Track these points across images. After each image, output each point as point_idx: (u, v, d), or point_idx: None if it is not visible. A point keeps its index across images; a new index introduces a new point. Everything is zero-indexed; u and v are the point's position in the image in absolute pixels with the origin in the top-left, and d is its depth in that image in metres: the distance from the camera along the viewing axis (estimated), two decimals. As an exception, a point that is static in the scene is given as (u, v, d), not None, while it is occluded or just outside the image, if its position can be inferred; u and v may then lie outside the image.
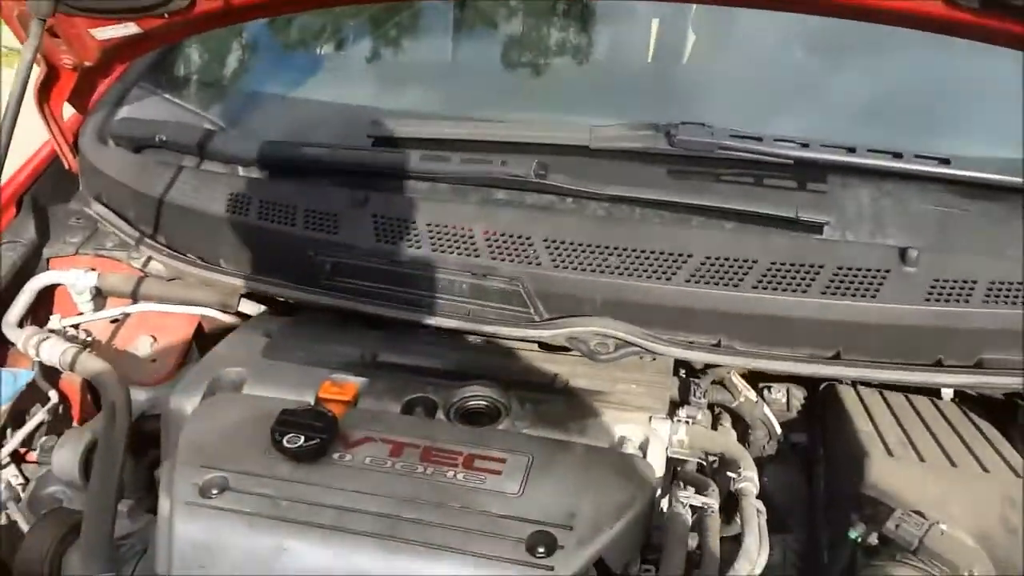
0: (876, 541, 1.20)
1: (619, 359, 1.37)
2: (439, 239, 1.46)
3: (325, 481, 1.24)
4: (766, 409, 1.50)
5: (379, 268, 1.47)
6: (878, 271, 1.33)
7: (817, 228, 1.43)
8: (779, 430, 1.51)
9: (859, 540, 1.22)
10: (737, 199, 1.43)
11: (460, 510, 1.19)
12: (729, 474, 1.29)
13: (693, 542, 1.20)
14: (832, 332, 1.34)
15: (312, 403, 1.40)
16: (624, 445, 1.33)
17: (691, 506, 1.24)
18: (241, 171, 1.71)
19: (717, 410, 1.55)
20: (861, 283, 1.33)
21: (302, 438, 1.26)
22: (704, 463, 1.40)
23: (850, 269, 1.34)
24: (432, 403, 1.42)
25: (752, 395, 1.49)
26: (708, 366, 1.53)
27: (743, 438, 1.53)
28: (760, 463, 1.57)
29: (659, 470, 1.32)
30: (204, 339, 1.75)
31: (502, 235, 1.44)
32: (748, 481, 1.27)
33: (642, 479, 1.26)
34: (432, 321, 1.42)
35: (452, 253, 1.44)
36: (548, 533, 1.16)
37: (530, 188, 1.52)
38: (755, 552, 1.16)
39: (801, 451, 1.56)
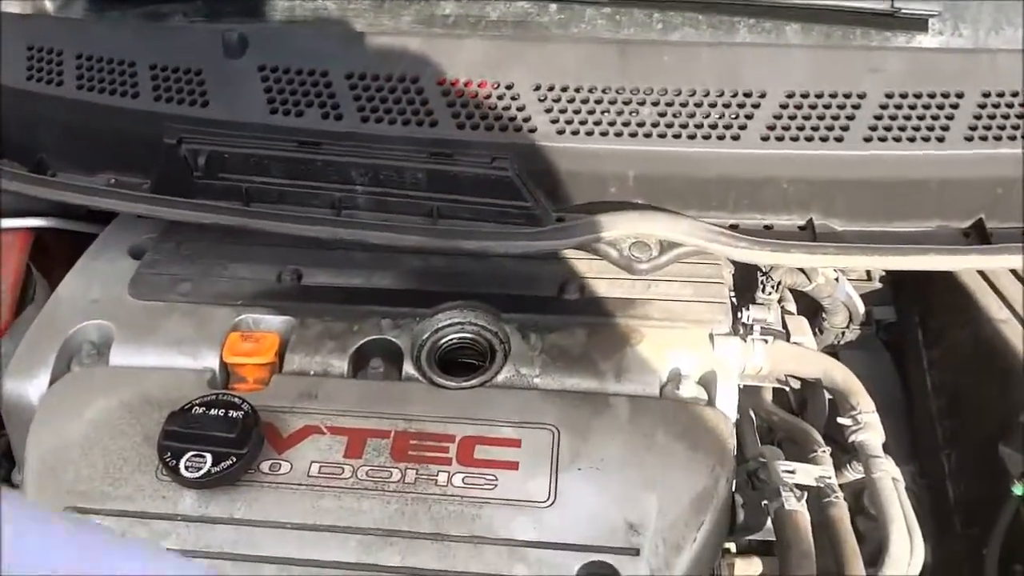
0: (1057, 499, 0.85)
1: (666, 266, 0.91)
2: (370, 100, 0.94)
3: (253, 514, 0.82)
4: (848, 287, 1.09)
5: (281, 156, 0.95)
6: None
7: (920, 23, 0.96)
8: (862, 310, 1.11)
9: (1031, 498, 0.87)
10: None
11: (465, 545, 0.79)
12: (841, 420, 0.90)
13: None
14: (974, 191, 0.91)
15: (215, 371, 0.94)
16: (681, 385, 0.92)
17: (797, 486, 0.85)
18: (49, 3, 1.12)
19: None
20: (1020, 115, 0.89)
21: (208, 458, 0.82)
22: (786, 389, 1.01)
23: (1003, 95, 0.89)
24: (394, 348, 0.96)
25: (832, 272, 1.07)
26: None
27: (812, 323, 1.12)
28: (835, 352, 1.20)
29: (731, 412, 0.92)
30: (48, 260, 1.22)
31: (466, 84, 0.93)
32: (872, 430, 0.88)
33: (721, 443, 0.86)
34: (376, 238, 0.93)
35: (394, 122, 0.93)
36: (606, 564, 0.77)
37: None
38: (905, 552, 0.80)
39: (888, 330, 1.18)
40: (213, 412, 0.86)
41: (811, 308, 1.15)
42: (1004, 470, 0.91)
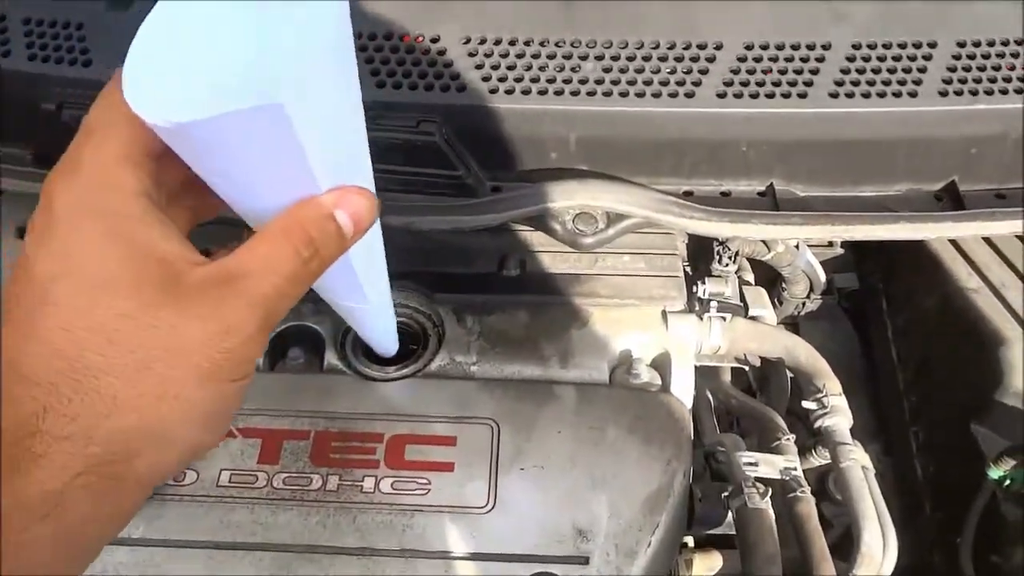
0: (1034, 483, 0.79)
1: (614, 239, 0.82)
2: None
3: (154, 533, 0.72)
4: (809, 255, 1.01)
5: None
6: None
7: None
8: (823, 278, 1.03)
9: (1007, 483, 0.81)
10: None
11: (395, 560, 0.70)
12: (806, 404, 0.82)
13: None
14: (947, 151, 0.83)
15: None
16: (632, 370, 0.83)
17: (759, 479, 0.78)
18: None
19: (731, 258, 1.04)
20: (999, 64, 0.80)
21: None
22: (745, 368, 0.93)
23: (979, 45, 0.81)
24: (315, 335, 0.86)
25: (792, 240, 0.99)
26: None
27: (771, 293, 1.04)
28: (795, 323, 1.12)
29: (687, 398, 0.84)
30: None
31: (386, 37, 0.82)
32: (839, 414, 0.81)
33: (676, 434, 0.78)
34: None
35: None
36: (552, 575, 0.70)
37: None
38: (878, 550, 0.73)
39: (851, 298, 1.10)
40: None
41: (769, 277, 1.07)
42: (977, 450, 0.85)
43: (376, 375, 0.83)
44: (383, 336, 0.78)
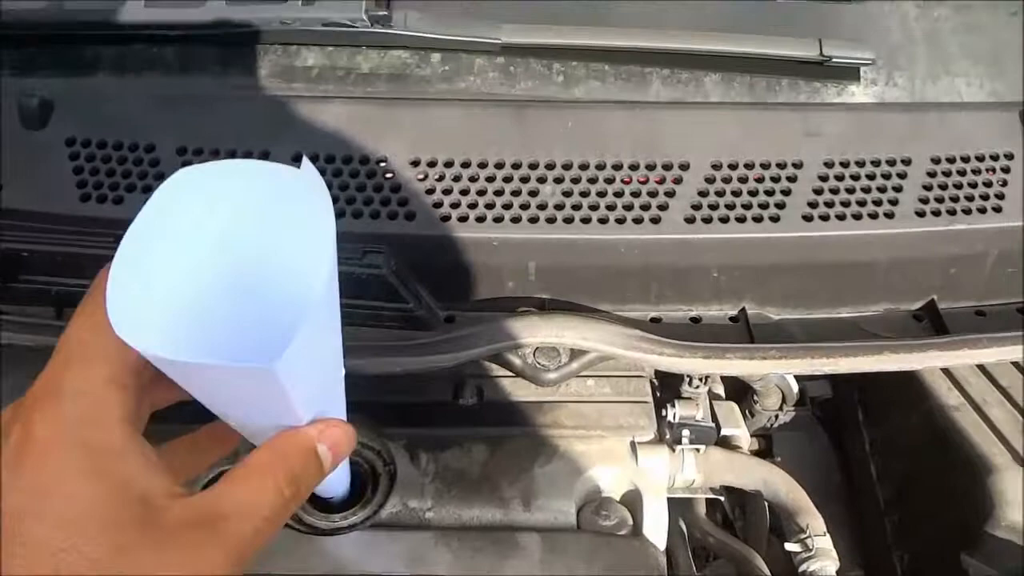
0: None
1: (577, 372, 0.76)
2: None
3: None
4: (783, 367, 0.95)
5: (98, 255, 0.75)
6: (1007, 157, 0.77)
7: (852, 73, 0.85)
8: (796, 389, 0.98)
9: (1006, 626, 0.75)
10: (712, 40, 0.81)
11: None
12: (789, 547, 0.76)
13: None
14: (926, 272, 0.79)
15: None
16: (603, 511, 0.77)
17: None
18: None
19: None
20: (975, 181, 0.77)
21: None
22: (720, 499, 0.86)
23: (954, 161, 0.78)
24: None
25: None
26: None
27: (741, 405, 0.99)
28: (768, 435, 1.07)
29: (660, 539, 0.78)
30: None
31: (328, 160, 0.76)
32: (826, 557, 0.75)
33: (651, 586, 0.72)
34: None
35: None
36: None
37: (366, 42, 0.84)
38: None
39: (824, 407, 1.05)
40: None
41: (739, 387, 1.01)
42: (970, 583, 0.80)
43: (321, 525, 0.75)
44: (333, 478, 0.70)
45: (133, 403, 0.41)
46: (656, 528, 0.78)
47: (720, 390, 0.97)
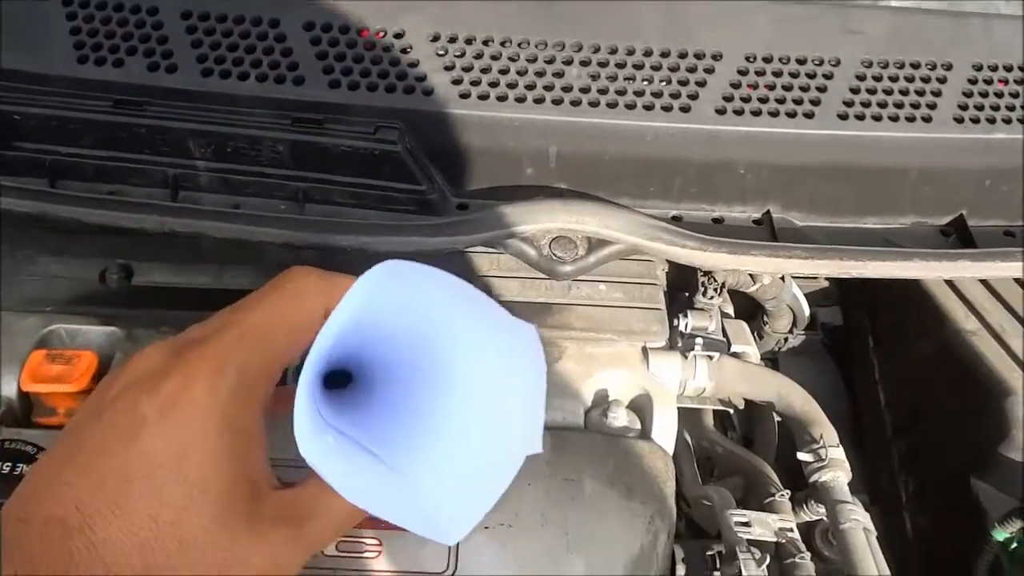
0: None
1: (594, 267, 0.73)
2: (214, 49, 0.72)
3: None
4: (795, 288, 0.93)
5: (93, 120, 0.71)
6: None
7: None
8: (807, 312, 0.96)
9: (1014, 546, 0.74)
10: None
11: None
12: (802, 456, 0.74)
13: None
14: (959, 183, 0.76)
15: (13, 400, 0.71)
16: (611, 413, 0.74)
17: (753, 542, 0.69)
18: None
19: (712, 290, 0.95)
20: (1017, 91, 0.74)
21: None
22: (729, 411, 0.84)
23: (996, 69, 0.75)
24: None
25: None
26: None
27: (751, 326, 0.96)
28: (775, 359, 1.05)
29: (669, 445, 0.75)
30: None
31: (343, 31, 0.72)
32: (838, 467, 0.73)
33: (660, 488, 0.69)
34: (218, 231, 0.70)
35: (246, 78, 0.71)
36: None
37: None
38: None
39: (834, 334, 1.03)
40: (-7, 466, 0.64)
41: (748, 308, 0.99)
42: (978, 507, 0.78)
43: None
44: None
45: (271, 392, 0.45)
46: (665, 435, 0.75)
47: (730, 309, 0.95)
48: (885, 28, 0.74)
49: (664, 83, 0.71)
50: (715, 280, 0.84)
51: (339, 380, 0.54)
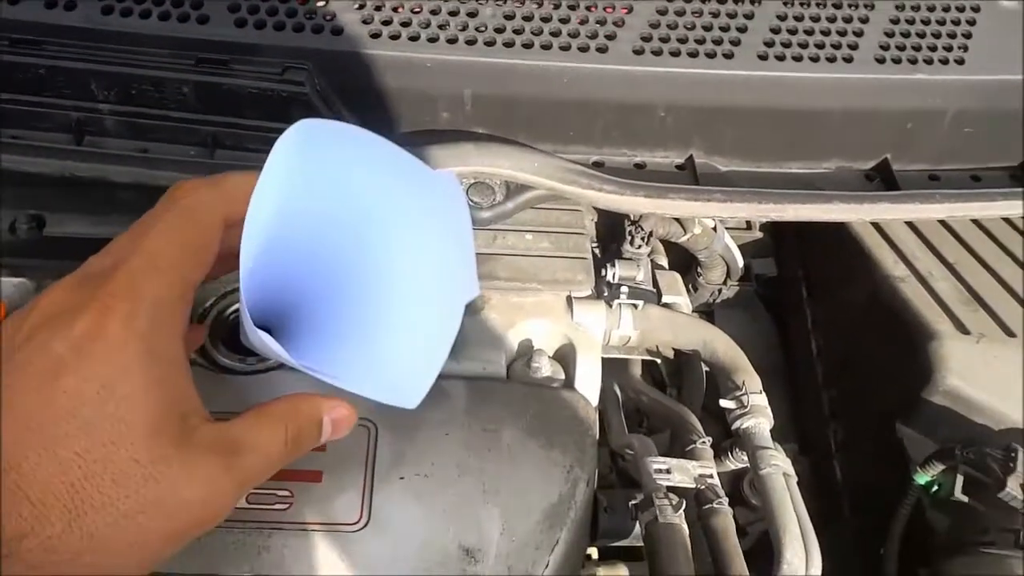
0: (961, 490, 0.72)
1: (513, 214, 0.72)
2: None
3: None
4: (728, 238, 0.92)
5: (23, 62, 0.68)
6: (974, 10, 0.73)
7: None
8: (741, 263, 0.95)
9: (935, 489, 0.74)
10: None
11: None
12: (724, 403, 0.74)
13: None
14: (881, 125, 0.75)
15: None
16: (532, 363, 0.73)
17: (672, 489, 0.69)
18: None
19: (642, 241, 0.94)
20: (939, 31, 0.73)
21: None
22: (656, 362, 0.83)
23: (918, 9, 0.74)
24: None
25: (710, 221, 0.90)
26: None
27: (685, 278, 0.95)
28: (710, 311, 1.04)
29: (593, 395, 0.75)
30: None
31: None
32: (760, 414, 0.72)
33: (580, 437, 0.68)
34: (122, 175, 0.67)
35: (148, 15, 0.68)
36: (432, 612, 0.59)
37: None
38: (800, 564, 0.65)
39: (769, 285, 1.03)
40: None
41: (683, 260, 0.98)
42: (902, 452, 0.79)
43: (236, 366, 0.71)
44: None
45: (187, 319, 0.46)
46: (589, 384, 0.74)
47: (664, 261, 0.94)
48: (806, -34, 0.73)
49: (581, 23, 0.69)
50: (642, 229, 0.83)
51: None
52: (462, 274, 0.51)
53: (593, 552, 0.85)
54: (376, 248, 0.49)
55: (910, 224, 0.86)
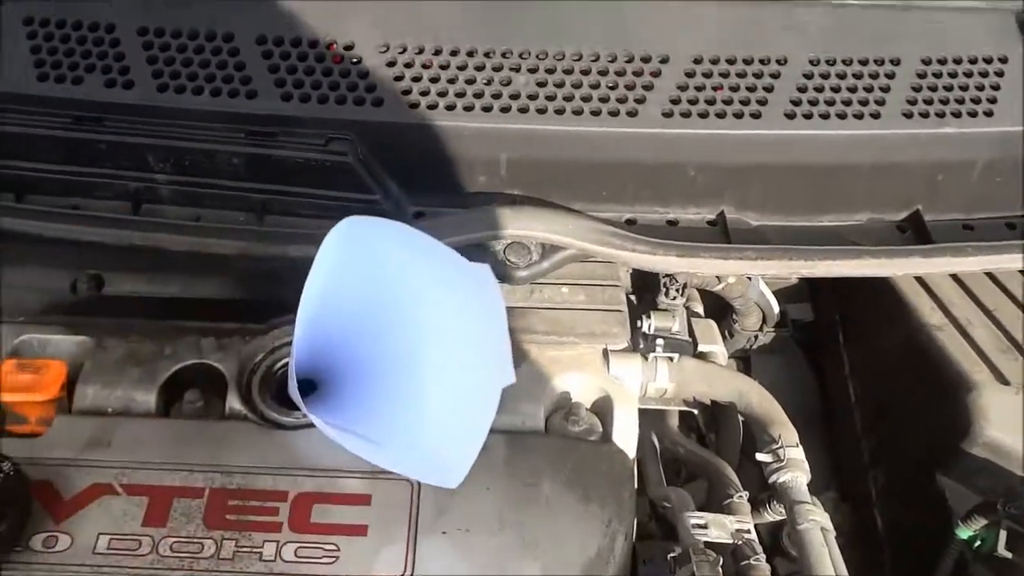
0: (1005, 547, 0.71)
1: (548, 272, 0.74)
2: (169, 64, 0.73)
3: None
4: (762, 286, 0.93)
5: (54, 136, 0.73)
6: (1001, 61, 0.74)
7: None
8: (777, 310, 0.96)
9: (977, 544, 0.74)
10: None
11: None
12: (761, 457, 0.75)
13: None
14: (911, 178, 0.76)
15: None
16: (571, 416, 0.75)
17: (709, 544, 0.70)
18: None
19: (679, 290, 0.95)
20: (967, 84, 0.74)
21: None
22: (693, 412, 0.84)
23: (945, 63, 0.75)
24: (217, 375, 0.76)
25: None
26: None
27: (721, 325, 0.97)
28: (747, 357, 1.05)
29: (630, 447, 0.76)
30: None
31: (294, 44, 0.73)
32: (797, 468, 0.73)
33: (618, 490, 0.70)
34: (177, 244, 0.71)
35: (201, 92, 0.72)
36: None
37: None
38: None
39: (805, 330, 1.03)
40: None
41: (719, 306, 0.99)
42: (942, 501, 0.79)
43: (284, 421, 0.74)
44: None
45: None
46: (626, 436, 0.76)
47: (699, 309, 0.96)
48: (829, 23, 0.75)
49: (611, 88, 0.72)
50: (676, 281, 0.84)
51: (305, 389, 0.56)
52: (497, 362, 0.53)
53: (632, 602, 0.86)
54: (416, 334, 0.52)
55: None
